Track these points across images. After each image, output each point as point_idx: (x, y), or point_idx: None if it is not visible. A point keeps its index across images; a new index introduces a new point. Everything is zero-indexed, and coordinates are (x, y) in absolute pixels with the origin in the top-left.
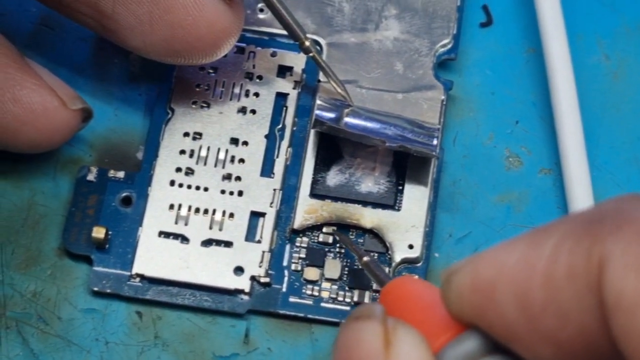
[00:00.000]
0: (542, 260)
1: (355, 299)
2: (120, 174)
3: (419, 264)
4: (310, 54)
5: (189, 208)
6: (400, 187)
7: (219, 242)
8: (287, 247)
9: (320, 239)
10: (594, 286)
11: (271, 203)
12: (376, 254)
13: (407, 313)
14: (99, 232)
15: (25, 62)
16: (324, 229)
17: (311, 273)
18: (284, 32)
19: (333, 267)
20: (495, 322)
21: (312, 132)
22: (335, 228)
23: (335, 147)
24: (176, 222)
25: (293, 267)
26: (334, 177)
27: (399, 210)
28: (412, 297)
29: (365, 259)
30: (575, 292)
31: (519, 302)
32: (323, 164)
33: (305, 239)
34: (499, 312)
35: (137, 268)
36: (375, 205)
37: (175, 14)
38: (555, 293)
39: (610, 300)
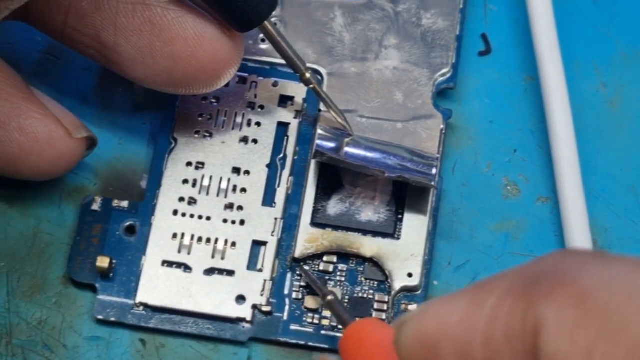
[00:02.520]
0: (482, 320)
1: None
2: (124, 204)
3: (418, 292)
4: (311, 86)
5: (192, 237)
6: (400, 216)
7: (221, 271)
8: (289, 275)
9: (321, 268)
10: (531, 349)
11: (272, 232)
12: (376, 282)
13: (365, 357)
14: (103, 262)
15: (31, 92)
16: (325, 258)
17: (312, 301)
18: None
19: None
20: None
21: (313, 161)
22: (302, 264)
23: (335, 176)
24: (179, 251)
25: (294, 295)
26: (334, 206)
27: (398, 239)
28: (371, 342)
29: (329, 297)
30: (513, 353)
31: None
32: (324, 193)
33: (306, 267)
34: None
35: (140, 297)
36: (375, 234)
37: (176, 46)
38: (494, 354)
39: None
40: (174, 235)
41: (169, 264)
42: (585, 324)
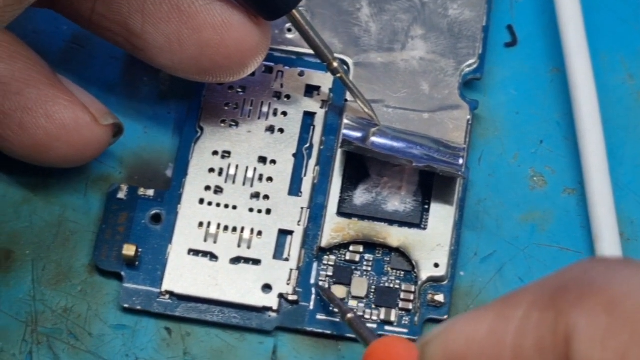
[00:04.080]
0: (511, 334)
1: (382, 316)
2: (150, 192)
3: (444, 282)
4: (338, 75)
5: (218, 226)
6: (427, 206)
7: (247, 260)
8: (315, 265)
9: (347, 257)
10: (563, 359)
11: (299, 221)
12: (402, 272)
13: None
14: (129, 250)
15: (57, 79)
16: (351, 247)
17: (338, 291)
18: (312, 52)
19: (360, 285)
20: None
21: (340, 151)
22: (322, 287)
23: (362, 166)
24: (205, 240)
25: (320, 284)
26: (361, 196)
27: (425, 229)
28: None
29: (349, 315)
30: None
31: None
32: (350, 182)
33: (332, 257)
34: None
35: (166, 285)
36: (402, 224)
37: (203, 33)
38: None
39: None
40: (200, 224)
41: (195, 252)
42: (617, 330)
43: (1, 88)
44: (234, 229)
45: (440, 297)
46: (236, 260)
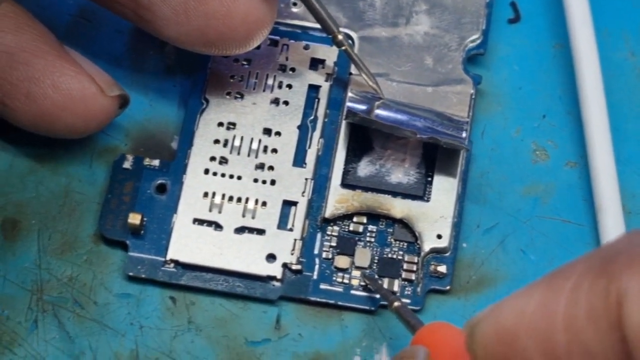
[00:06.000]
0: (562, 304)
1: (385, 287)
2: (156, 162)
3: (447, 254)
4: (343, 47)
5: (223, 196)
6: (430, 179)
7: (251, 230)
8: (319, 235)
9: (351, 228)
10: (615, 324)
11: (303, 192)
12: (405, 243)
13: None
14: (134, 218)
15: (64, 50)
16: (355, 218)
17: (342, 261)
18: (317, 26)
19: (363, 255)
20: None
21: (344, 123)
22: (367, 275)
23: (366, 138)
24: (210, 210)
25: (324, 255)
26: (364, 168)
27: (428, 201)
28: (442, 345)
29: (396, 304)
30: (597, 332)
31: (543, 349)
32: (354, 155)
33: (336, 227)
34: None
35: (171, 254)
36: (405, 195)
37: (209, 5)
38: (578, 335)
39: (632, 335)
40: (205, 194)
41: (199, 222)
42: None
43: (8, 58)
44: (239, 199)
45: (442, 268)
46: (241, 230)
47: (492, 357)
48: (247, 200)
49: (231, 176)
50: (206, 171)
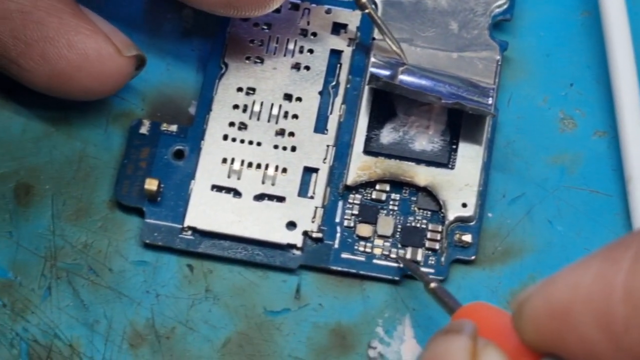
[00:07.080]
0: (621, 275)
1: (408, 256)
2: (173, 127)
3: (472, 223)
4: (367, 11)
5: (242, 162)
6: (454, 146)
7: (271, 197)
8: (340, 203)
9: (374, 196)
10: None
11: (324, 159)
12: (429, 212)
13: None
14: (151, 184)
15: (80, 9)
16: (377, 186)
17: (364, 229)
18: None
19: (386, 224)
20: (575, 347)
21: (367, 89)
22: (403, 256)
23: (389, 104)
24: (229, 176)
25: (345, 223)
26: (387, 135)
27: (452, 168)
28: (483, 325)
29: (433, 285)
30: None
31: (600, 322)
32: (377, 121)
33: (358, 195)
34: (579, 335)
35: (189, 221)
36: (429, 163)
37: None
38: (638, 308)
39: None
40: (224, 160)
41: (218, 188)
42: None
43: (23, 17)
44: (258, 166)
45: (467, 238)
46: (260, 197)
47: (543, 334)
48: (267, 166)
49: (250, 142)
50: (225, 137)
